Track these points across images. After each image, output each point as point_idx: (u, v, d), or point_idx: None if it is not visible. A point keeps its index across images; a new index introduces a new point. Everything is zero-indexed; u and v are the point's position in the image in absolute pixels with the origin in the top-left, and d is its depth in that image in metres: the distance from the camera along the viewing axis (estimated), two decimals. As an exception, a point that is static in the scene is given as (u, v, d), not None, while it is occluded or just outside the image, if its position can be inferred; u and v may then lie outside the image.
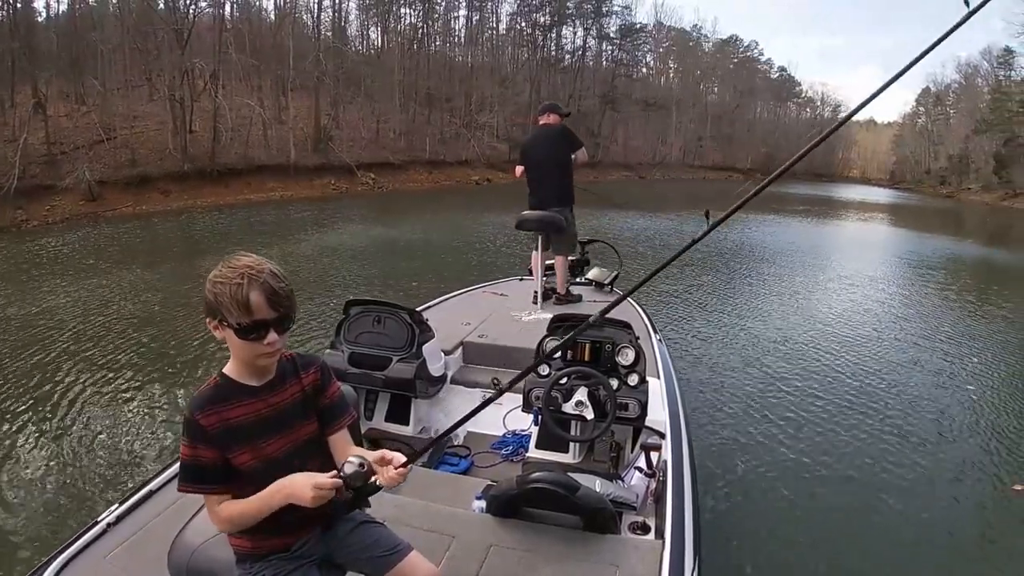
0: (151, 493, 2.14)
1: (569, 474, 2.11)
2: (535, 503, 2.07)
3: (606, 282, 5.35)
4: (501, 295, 5.01)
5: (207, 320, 1.30)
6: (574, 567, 1.89)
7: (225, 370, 1.37)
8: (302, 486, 1.29)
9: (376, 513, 1.60)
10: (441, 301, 4.72)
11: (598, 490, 2.16)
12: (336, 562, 1.55)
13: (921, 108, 70.83)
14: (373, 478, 1.33)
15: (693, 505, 2.25)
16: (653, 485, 2.41)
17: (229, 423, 1.32)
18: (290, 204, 18.91)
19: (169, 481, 2.17)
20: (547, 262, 4.94)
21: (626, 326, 2.93)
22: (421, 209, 19.18)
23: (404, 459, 1.38)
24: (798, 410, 4.86)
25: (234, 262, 1.28)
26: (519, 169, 5.16)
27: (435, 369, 3.33)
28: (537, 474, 2.03)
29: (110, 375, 5.05)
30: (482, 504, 2.19)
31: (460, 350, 3.80)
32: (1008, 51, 48.66)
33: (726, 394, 5.14)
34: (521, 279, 5.53)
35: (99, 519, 1.99)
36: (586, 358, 2.86)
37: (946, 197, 50.41)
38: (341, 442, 1.48)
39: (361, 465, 1.31)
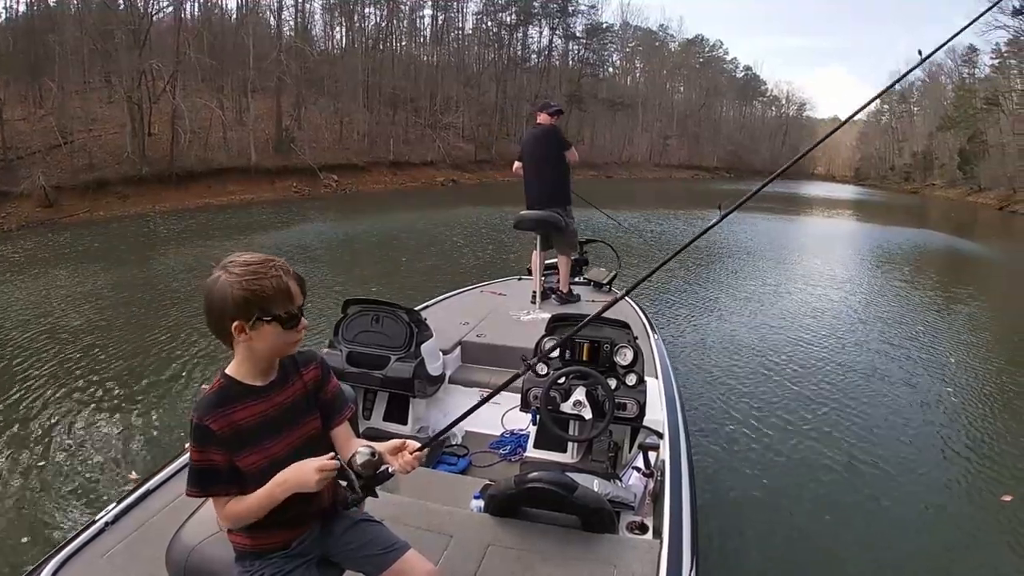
0: (149, 492, 2.16)
1: (567, 474, 2.14)
2: (533, 503, 2.10)
3: (604, 282, 5.43)
4: (500, 295, 5.04)
5: (236, 323, 1.28)
6: (572, 567, 1.91)
7: (229, 371, 1.37)
8: (306, 472, 1.32)
9: (374, 512, 1.64)
10: (439, 300, 4.77)
11: (596, 490, 2.20)
12: (333, 561, 1.56)
13: (885, 106, 72.48)
14: (384, 466, 1.38)
15: (691, 505, 2.28)
16: (651, 485, 2.43)
17: (237, 425, 1.33)
18: (251, 207, 19.15)
19: (167, 480, 2.21)
20: (546, 262, 5.05)
21: (624, 326, 2.95)
22: (385, 211, 19.62)
23: (418, 445, 1.47)
24: (796, 411, 4.93)
25: (247, 259, 1.30)
26: (516, 164, 5.24)
27: (433, 369, 3.36)
28: (535, 474, 2.06)
29: (70, 382, 5.14)
30: (480, 504, 2.22)
31: (458, 350, 3.82)
32: (972, 49, 49.77)
33: (724, 394, 5.21)
34: (520, 279, 5.58)
35: (97, 518, 2.01)
36: (584, 358, 2.89)
37: (911, 193, 51.82)
38: (344, 435, 1.51)
39: (372, 454, 1.35)
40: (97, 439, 4.23)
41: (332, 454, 1.35)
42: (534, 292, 4.81)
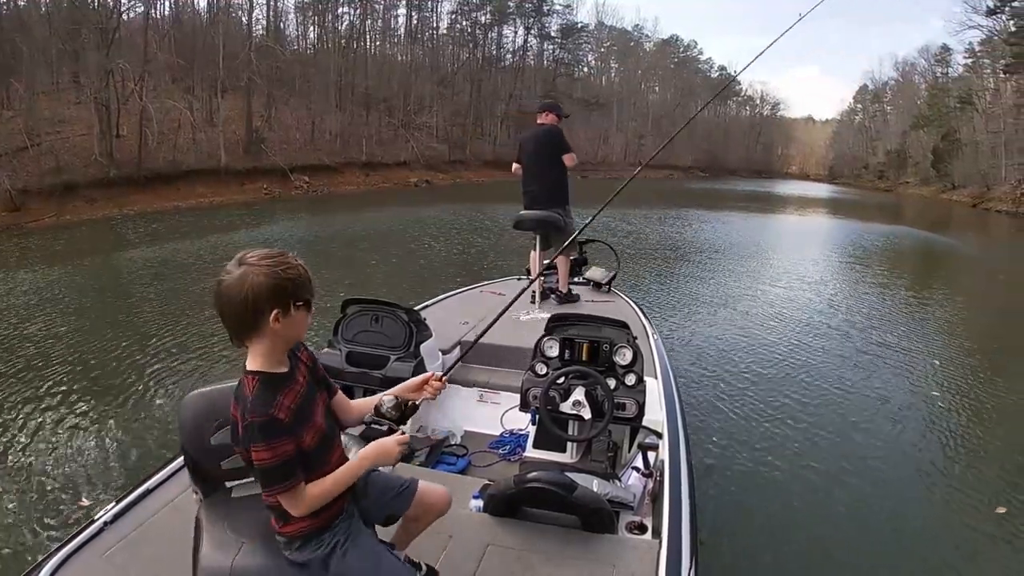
0: (148, 491, 2.18)
1: (566, 474, 2.18)
2: (532, 503, 2.14)
3: (604, 281, 5.47)
4: (499, 294, 5.11)
5: (274, 312, 1.35)
6: (571, 567, 1.95)
7: (254, 368, 1.41)
8: (389, 447, 1.53)
9: None
10: (439, 300, 4.86)
11: (595, 490, 2.23)
12: (362, 518, 1.64)
13: (859, 105, 74.12)
14: (408, 402, 1.66)
15: (690, 505, 2.30)
16: (650, 485, 2.47)
17: (291, 410, 1.39)
18: (220, 209, 19.29)
19: (166, 480, 2.24)
20: (545, 261, 5.10)
21: (624, 326, 2.99)
22: (356, 212, 19.94)
23: (440, 373, 1.74)
24: (795, 411, 5.02)
25: (265, 252, 1.38)
26: (515, 166, 5.29)
27: (432, 368, 3.36)
28: (534, 474, 2.10)
29: (23, 393, 5.10)
30: (479, 503, 2.26)
31: (458, 349, 3.86)
32: (946, 49, 51.32)
33: (723, 393, 5.30)
34: (519, 278, 5.68)
35: (96, 517, 2.03)
36: (584, 358, 2.92)
37: (885, 191, 52.67)
38: (344, 401, 1.67)
39: (395, 398, 1.64)
40: (48, 456, 4.07)
41: (402, 429, 1.60)
42: (533, 292, 4.88)
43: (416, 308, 3.78)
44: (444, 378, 1.72)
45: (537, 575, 1.92)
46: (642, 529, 2.27)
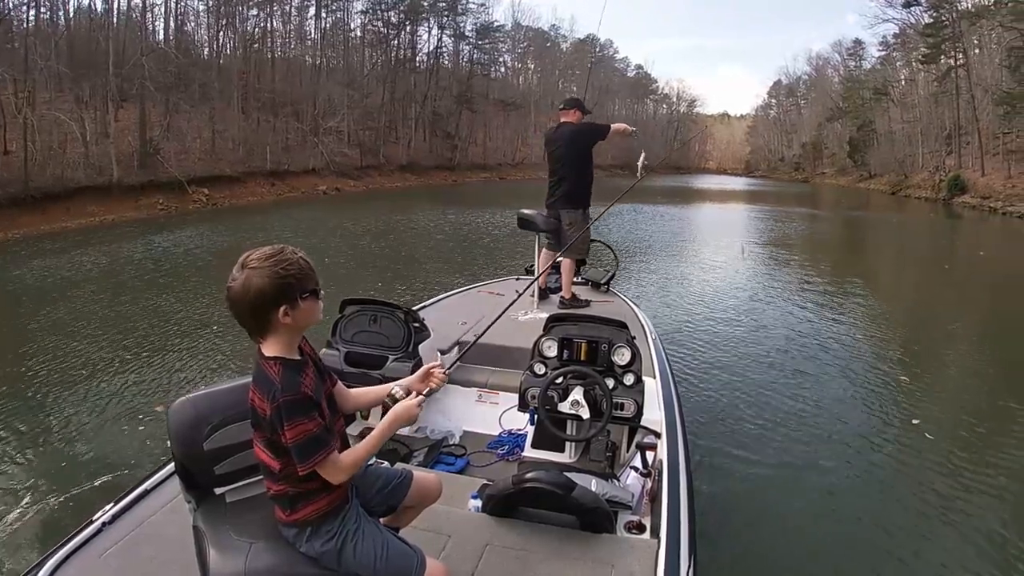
0: (146, 492, 2.23)
1: (565, 473, 2.21)
2: (531, 502, 2.18)
3: (603, 281, 5.63)
4: (498, 294, 5.18)
5: (280, 310, 1.46)
6: (570, 566, 1.98)
7: (273, 354, 1.51)
8: (410, 407, 1.66)
9: None
10: (437, 300, 5.00)
11: (594, 489, 2.27)
12: (365, 510, 1.70)
13: (773, 100, 78.33)
14: (415, 393, 1.72)
15: (689, 504, 2.36)
16: (649, 484, 2.51)
17: (312, 390, 1.51)
18: (111, 229, 19.07)
19: (164, 481, 2.28)
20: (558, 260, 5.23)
21: (622, 326, 3.05)
22: (253, 225, 20.09)
23: (441, 363, 1.81)
24: (796, 411, 5.11)
25: (265, 252, 1.48)
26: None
27: None
28: (533, 473, 2.13)
29: None
30: (478, 503, 2.30)
31: (456, 349, 3.91)
32: (858, 43, 55.19)
33: (722, 393, 5.40)
34: (518, 279, 5.78)
35: (94, 518, 2.06)
36: (583, 358, 2.97)
37: (802, 182, 55.83)
38: (342, 389, 1.75)
39: (405, 387, 1.73)
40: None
41: (415, 392, 1.72)
42: (534, 291, 5.02)
43: (414, 308, 3.93)
44: (449, 369, 1.85)
45: (536, 575, 1.98)
46: (640, 529, 2.34)
